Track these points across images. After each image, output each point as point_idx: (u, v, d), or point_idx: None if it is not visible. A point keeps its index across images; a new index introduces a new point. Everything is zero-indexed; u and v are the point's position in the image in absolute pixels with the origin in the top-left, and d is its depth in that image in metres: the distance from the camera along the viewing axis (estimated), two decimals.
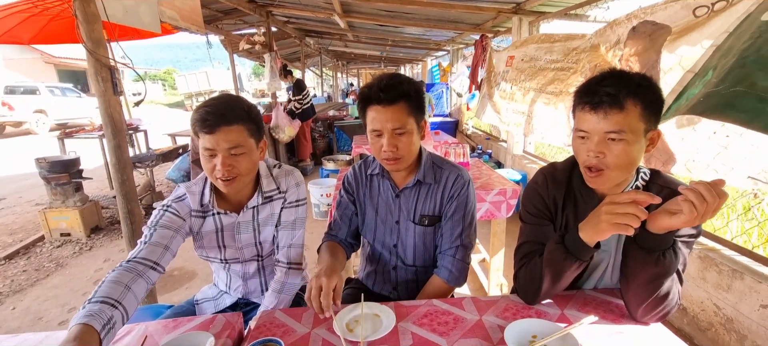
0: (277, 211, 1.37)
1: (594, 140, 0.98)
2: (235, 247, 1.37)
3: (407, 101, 1.23)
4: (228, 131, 1.16)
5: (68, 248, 3.85)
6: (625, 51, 2.25)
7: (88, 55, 1.99)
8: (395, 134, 1.24)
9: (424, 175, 1.37)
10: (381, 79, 1.24)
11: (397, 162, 1.28)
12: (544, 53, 3.21)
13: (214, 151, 1.17)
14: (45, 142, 10.83)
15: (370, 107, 1.25)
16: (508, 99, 3.91)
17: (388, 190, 1.42)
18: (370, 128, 1.27)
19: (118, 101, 2.14)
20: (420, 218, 1.38)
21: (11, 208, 5.20)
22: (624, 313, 1.09)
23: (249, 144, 1.21)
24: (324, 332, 1.06)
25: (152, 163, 4.61)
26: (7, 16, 3.89)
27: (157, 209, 1.28)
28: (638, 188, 1.06)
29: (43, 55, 16.33)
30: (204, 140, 1.17)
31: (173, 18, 2.67)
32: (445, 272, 1.35)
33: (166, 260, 1.19)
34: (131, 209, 2.26)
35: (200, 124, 1.15)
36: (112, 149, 2.16)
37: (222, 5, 5.33)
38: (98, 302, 0.96)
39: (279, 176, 1.38)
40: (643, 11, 2.17)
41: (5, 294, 3.04)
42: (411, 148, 1.28)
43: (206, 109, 1.15)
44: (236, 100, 1.22)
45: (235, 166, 1.19)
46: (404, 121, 1.23)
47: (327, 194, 4.18)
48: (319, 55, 11.89)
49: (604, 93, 0.94)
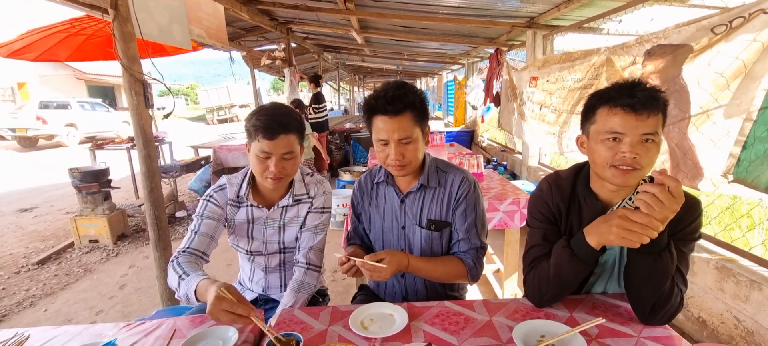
0: (303, 214, 1.49)
1: (630, 141, 1.00)
2: (261, 240, 1.50)
3: (412, 111, 1.26)
4: (285, 139, 1.32)
5: (96, 254, 4.02)
6: (644, 70, 2.30)
7: (124, 70, 2.14)
8: (402, 143, 1.27)
9: (428, 179, 1.39)
10: (386, 89, 1.26)
11: (403, 168, 1.32)
12: (569, 73, 3.28)
13: (270, 154, 1.31)
14: (75, 154, 11.30)
15: (377, 117, 1.28)
16: (539, 120, 3.96)
17: (393, 196, 1.45)
18: (377, 138, 1.30)
19: (149, 114, 2.28)
20: (427, 223, 1.41)
21: (44, 216, 5.46)
22: (632, 317, 1.12)
23: (297, 150, 1.39)
24: (340, 328, 1.12)
25: (177, 174, 4.79)
26: (48, 36, 4.17)
27: (202, 199, 1.45)
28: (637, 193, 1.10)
29: (75, 71, 17.12)
30: (262, 144, 1.30)
31: (201, 36, 2.83)
32: (470, 259, 1.37)
33: (211, 249, 1.41)
34: (158, 216, 2.38)
35: (263, 131, 1.29)
36: (143, 159, 2.29)
37: (245, 23, 5.55)
38: (194, 271, 1.23)
39: (310, 183, 1.52)
40: (655, 36, 2.24)
41: (38, 297, 3.20)
42: (417, 154, 1.32)
43: (268, 118, 1.30)
44: (291, 111, 1.39)
45: (285, 169, 1.35)
46: (410, 130, 1.27)
47: (343, 204, 4.26)
48: (337, 69, 12.13)
49: (644, 96, 0.98)
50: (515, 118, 4.70)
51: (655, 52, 2.25)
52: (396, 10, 4.59)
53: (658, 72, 2.22)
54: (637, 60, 2.38)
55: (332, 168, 7.35)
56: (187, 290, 1.18)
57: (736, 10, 1.81)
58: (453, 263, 1.39)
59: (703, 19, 1.98)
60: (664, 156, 2.21)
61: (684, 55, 2.07)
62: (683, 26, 2.08)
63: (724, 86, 1.87)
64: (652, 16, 2.65)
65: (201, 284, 1.15)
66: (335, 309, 1.23)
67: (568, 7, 3.36)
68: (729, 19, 1.81)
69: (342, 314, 1.19)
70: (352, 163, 7.64)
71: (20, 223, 5.17)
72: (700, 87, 1.99)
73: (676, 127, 2.12)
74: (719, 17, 1.87)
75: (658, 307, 1.03)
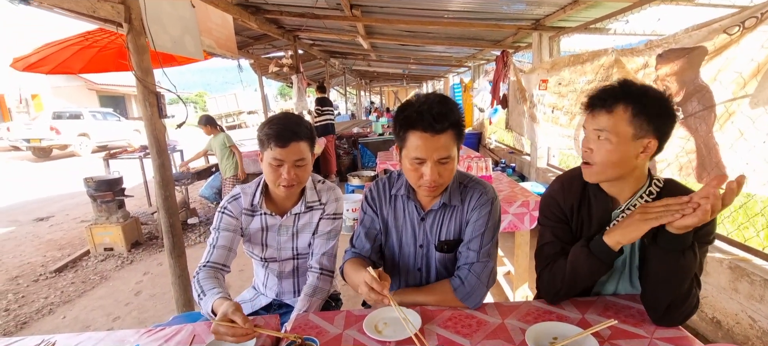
0: (315, 220, 1.51)
1: (587, 137, 1.13)
2: (275, 247, 1.53)
3: (454, 129, 1.16)
4: (297, 146, 1.35)
5: (111, 261, 4.09)
6: (659, 72, 2.31)
7: (138, 82, 2.20)
8: (440, 163, 1.17)
9: (451, 197, 1.30)
10: (430, 103, 1.13)
11: (437, 189, 1.23)
12: (579, 76, 3.29)
13: (283, 162, 1.34)
14: (87, 163, 11.50)
15: (414, 133, 1.14)
16: (552, 122, 3.96)
17: (414, 213, 1.36)
18: (412, 156, 1.16)
19: (163, 124, 2.33)
20: (440, 244, 1.33)
21: (59, 224, 5.57)
22: (645, 318, 1.12)
23: (308, 157, 1.41)
24: (355, 332, 1.15)
25: (188, 182, 4.87)
26: (63, 49, 4.28)
27: (217, 212, 1.48)
28: (651, 193, 1.14)
29: (87, 82, 17.45)
30: (275, 152, 1.33)
31: (211, 46, 2.89)
32: (456, 280, 1.25)
33: (231, 260, 1.45)
34: (173, 223, 2.43)
35: (275, 139, 1.32)
36: (157, 168, 2.34)
37: (253, 32, 5.64)
38: (211, 289, 1.26)
39: (322, 190, 1.53)
40: (665, 40, 2.26)
41: (56, 304, 3.27)
42: (451, 174, 1.23)
43: (280, 126, 1.34)
44: (301, 119, 1.42)
45: (298, 176, 1.38)
46: (450, 149, 1.16)
47: (353, 209, 4.29)
48: (343, 74, 12.21)
49: (597, 97, 1.09)
50: (526, 120, 4.70)
51: (668, 56, 2.27)
52: (401, 15, 4.62)
53: (675, 74, 2.24)
54: (650, 63, 2.39)
55: (340, 173, 7.41)
56: (206, 309, 1.23)
57: (748, 10, 1.82)
58: (440, 288, 1.29)
59: (713, 21, 2.00)
60: (692, 155, 2.21)
61: (699, 57, 2.10)
62: (693, 30, 2.09)
63: (743, 85, 1.88)
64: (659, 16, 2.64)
65: (215, 303, 1.19)
66: (349, 313, 1.25)
67: (574, 8, 3.37)
68: (741, 20, 1.82)
69: (356, 318, 1.21)
70: (361, 168, 7.68)
71: (37, 232, 5.28)
72: (722, 86, 2.00)
73: (703, 124, 2.12)
74: (730, 19, 1.88)
75: (675, 307, 1.04)
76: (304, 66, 8.07)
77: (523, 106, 4.74)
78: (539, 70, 4.07)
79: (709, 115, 2.08)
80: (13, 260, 4.27)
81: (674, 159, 2.32)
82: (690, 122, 2.19)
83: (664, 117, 1.05)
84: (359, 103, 18.86)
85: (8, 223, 5.75)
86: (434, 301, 1.27)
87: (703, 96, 2.10)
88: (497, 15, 4.17)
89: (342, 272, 1.40)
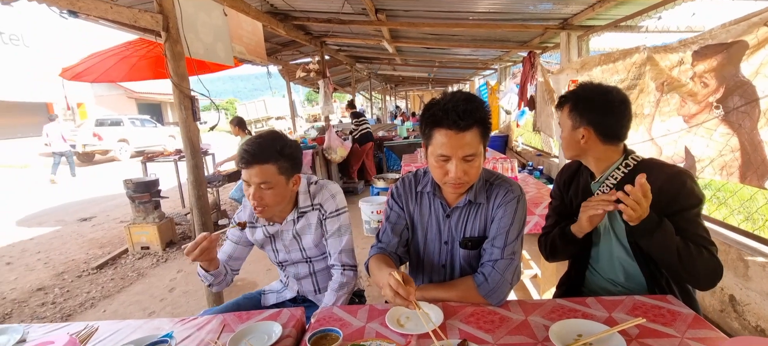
0: (313, 221, 1.53)
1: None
2: (284, 250, 1.59)
3: (480, 126, 1.17)
4: (258, 168, 1.34)
5: (147, 259, 4.29)
6: (697, 69, 2.24)
7: (174, 87, 2.32)
8: (465, 161, 1.17)
9: (476, 195, 1.30)
10: (455, 101, 1.14)
11: (462, 186, 1.24)
12: (611, 75, 3.20)
13: (249, 182, 1.37)
14: (126, 167, 12.11)
15: (439, 130, 1.16)
16: None
17: (439, 209, 1.37)
18: (438, 153, 1.18)
19: (197, 127, 2.44)
20: (464, 241, 1.33)
21: (101, 225, 5.89)
22: (676, 318, 1.09)
23: (277, 180, 1.37)
24: (377, 326, 1.17)
25: (219, 184, 5.04)
26: (106, 59, 4.56)
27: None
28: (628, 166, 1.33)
29: (127, 91, 18.39)
30: (242, 173, 1.38)
31: (242, 52, 3.00)
32: (479, 276, 1.25)
33: (234, 265, 1.62)
34: (205, 222, 2.53)
35: (239, 160, 1.36)
36: (191, 169, 2.45)
37: (281, 38, 5.80)
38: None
39: (315, 192, 1.54)
40: (702, 37, 2.19)
41: (97, 299, 3.46)
42: (477, 172, 1.23)
43: (244, 148, 1.35)
44: (271, 141, 1.38)
45: (264, 198, 1.37)
46: (476, 147, 1.17)
47: (377, 211, 4.32)
48: (369, 79, 12.33)
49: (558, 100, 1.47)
50: (554, 121, 4.61)
51: (704, 52, 2.19)
52: (427, 18, 4.64)
53: (713, 70, 2.16)
54: (685, 60, 2.31)
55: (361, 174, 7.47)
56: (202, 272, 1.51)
57: None
58: (463, 284, 1.29)
59: (753, 15, 1.91)
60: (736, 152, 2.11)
61: (740, 52, 2.01)
62: (731, 25, 2.01)
63: None
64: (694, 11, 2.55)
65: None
66: (372, 308, 1.27)
67: (603, 6, 3.28)
68: None
69: (379, 312, 1.24)
70: (386, 171, 7.72)
71: (81, 231, 5.60)
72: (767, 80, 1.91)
73: (748, 119, 2.02)
74: None
75: (687, 274, 1.18)
76: (331, 71, 8.22)
77: (551, 107, 4.65)
78: (568, 70, 3.99)
79: (752, 111, 1.99)
80: (59, 257, 4.55)
81: (717, 156, 2.21)
82: (731, 119, 2.10)
83: (593, 112, 1.29)
84: (384, 108, 18.96)
85: (55, 223, 6.13)
86: (457, 297, 1.27)
87: (746, 91, 2.01)
88: (524, 15, 4.12)
89: (367, 268, 1.41)
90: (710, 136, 2.19)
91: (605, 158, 1.36)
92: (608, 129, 1.30)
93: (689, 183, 1.20)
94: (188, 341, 1.18)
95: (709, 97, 2.16)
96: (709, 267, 1.17)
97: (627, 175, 1.31)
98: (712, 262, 1.17)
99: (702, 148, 2.27)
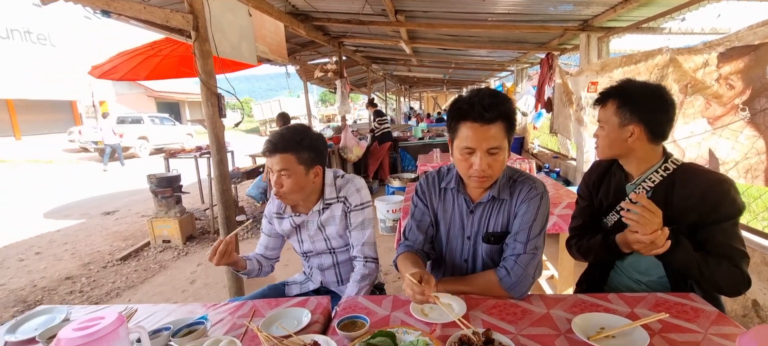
0: (338, 213, 1.60)
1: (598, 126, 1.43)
2: (309, 241, 1.66)
3: (504, 120, 1.19)
4: (279, 157, 1.45)
5: (169, 252, 4.41)
6: (722, 71, 2.22)
7: (202, 84, 2.40)
8: (489, 153, 1.20)
9: (500, 191, 1.32)
10: (481, 96, 1.18)
11: (486, 180, 1.26)
12: (633, 76, 3.17)
13: (271, 170, 1.48)
14: (146, 163, 12.41)
15: (465, 123, 1.20)
16: None
17: (463, 205, 1.39)
18: (463, 145, 1.22)
19: (222, 123, 2.52)
20: (487, 236, 1.35)
21: (123, 218, 6.07)
22: (699, 314, 1.10)
23: (296, 169, 1.46)
24: (402, 314, 1.21)
25: (238, 181, 5.15)
26: (132, 58, 4.71)
27: None
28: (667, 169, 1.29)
29: (147, 89, 18.83)
30: (266, 161, 1.50)
31: (264, 52, 3.08)
32: (502, 270, 1.27)
33: (271, 254, 1.75)
34: (228, 216, 2.60)
35: (263, 148, 1.50)
36: (216, 164, 2.53)
37: (300, 38, 5.89)
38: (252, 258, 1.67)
39: (341, 185, 1.61)
40: (727, 39, 2.17)
41: (122, 289, 3.58)
42: (501, 167, 1.26)
43: (269, 139, 1.48)
44: (293, 133, 1.49)
45: (283, 185, 1.46)
46: (500, 140, 1.19)
47: (393, 210, 4.36)
48: (384, 80, 12.39)
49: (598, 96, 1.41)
50: (572, 123, 4.58)
51: (730, 54, 2.18)
52: (445, 19, 4.67)
53: (740, 72, 2.14)
54: (710, 62, 2.29)
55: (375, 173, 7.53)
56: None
57: None
58: (485, 278, 1.32)
59: None
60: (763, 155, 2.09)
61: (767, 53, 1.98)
62: (758, 27, 2.00)
63: None
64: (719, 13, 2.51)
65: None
66: (396, 298, 1.31)
67: (625, 7, 3.26)
68: None
69: (402, 302, 1.28)
70: (401, 171, 7.76)
71: (104, 224, 5.78)
72: None
73: None
74: None
75: (711, 283, 1.18)
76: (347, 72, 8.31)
77: (569, 109, 4.62)
78: (588, 72, 3.96)
79: None
80: (85, 249, 4.71)
81: (742, 159, 2.19)
82: (758, 121, 2.07)
83: (645, 108, 1.24)
84: (398, 109, 19.00)
85: (80, 216, 6.33)
86: (479, 290, 1.30)
87: None
88: (543, 16, 4.11)
89: (396, 265, 1.46)
90: (736, 139, 2.16)
91: (647, 159, 1.31)
92: (659, 127, 1.26)
93: (732, 192, 1.18)
94: (221, 324, 1.24)
95: (735, 100, 2.14)
96: (731, 279, 1.17)
97: (665, 179, 1.27)
98: (733, 274, 1.17)
99: (727, 151, 2.25)
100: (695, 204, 1.18)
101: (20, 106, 14.00)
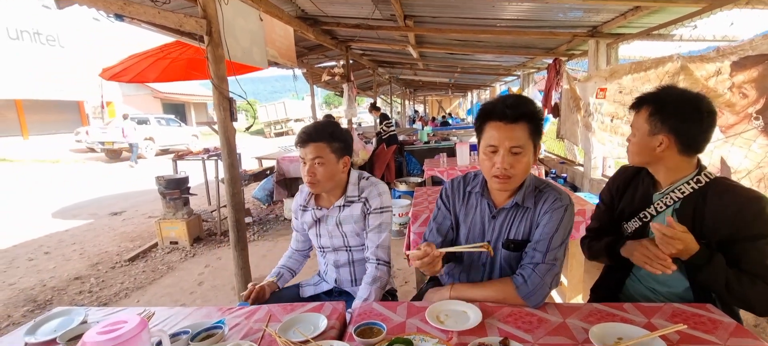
0: (357, 212, 1.65)
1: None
2: (327, 236, 1.72)
3: (529, 122, 1.22)
4: (313, 146, 1.56)
5: (176, 254, 4.43)
6: (735, 80, 2.22)
7: (214, 88, 2.42)
8: (511, 153, 1.22)
9: (524, 198, 1.32)
10: (506, 98, 1.24)
11: (507, 181, 1.26)
12: (641, 83, 3.18)
13: (304, 160, 1.58)
14: (153, 164, 12.49)
15: (490, 123, 1.25)
16: (611, 132, 3.85)
17: (485, 210, 1.40)
18: (486, 144, 1.26)
19: (233, 127, 2.54)
20: (507, 242, 1.35)
21: (131, 219, 6.10)
22: (717, 326, 1.10)
23: (329, 157, 1.57)
24: (418, 321, 1.21)
25: (245, 183, 5.17)
26: (142, 60, 4.76)
27: None
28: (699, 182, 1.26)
29: (153, 91, 18.97)
30: (300, 151, 1.59)
31: (275, 56, 3.10)
32: (519, 278, 1.27)
33: (303, 246, 1.88)
34: (238, 219, 2.62)
35: (298, 139, 1.60)
36: (227, 167, 2.55)
37: (308, 42, 5.93)
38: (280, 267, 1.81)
39: (364, 186, 1.68)
40: (741, 47, 2.17)
41: (130, 289, 3.61)
42: (524, 169, 1.26)
43: (303, 130, 1.59)
44: (325, 125, 1.62)
45: (316, 173, 1.56)
46: (523, 140, 1.22)
47: (399, 214, 4.36)
48: (389, 83, 12.42)
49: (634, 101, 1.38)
50: (580, 129, 4.57)
51: (744, 62, 2.18)
52: (454, 24, 4.68)
53: (753, 81, 2.15)
54: (723, 70, 2.29)
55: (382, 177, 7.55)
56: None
57: None
58: (501, 284, 1.31)
59: None
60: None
61: None
62: None
63: None
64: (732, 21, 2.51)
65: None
66: (411, 305, 1.31)
67: (635, 14, 3.26)
68: None
69: (417, 309, 1.28)
70: (406, 175, 7.76)
71: (112, 225, 5.82)
72: None
73: None
74: None
75: (741, 301, 1.18)
76: (354, 75, 8.34)
77: (576, 115, 4.62)
78: (596, 78, 3.96)
79: None
80: (93, 249, 4.74)
81: (754, 168, 2.18)
82: None
83: (679, 119, 1.21)
84: (403, 113, 19.02)
85: (88, 216, 6.38)
86: (494, 297, 1.30)
87: None
88: (552, 22, 4.12)
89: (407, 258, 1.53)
90: (749, 148, 2.16)
91: (677, 170, 1.28)
92: (691, 139, 1.22)
93: (764, 212, 1.17)
94: (237, 329, 1.25)
95: (749, 108, 2.14)
96: (763, 298, 1.15)
97: (697, 191, 1.24)
98: (766, 293, 1.14)
99: (739, 159, 2.24)
100: (729, 220, 1.17)
101: (28, 106, 14.13)
